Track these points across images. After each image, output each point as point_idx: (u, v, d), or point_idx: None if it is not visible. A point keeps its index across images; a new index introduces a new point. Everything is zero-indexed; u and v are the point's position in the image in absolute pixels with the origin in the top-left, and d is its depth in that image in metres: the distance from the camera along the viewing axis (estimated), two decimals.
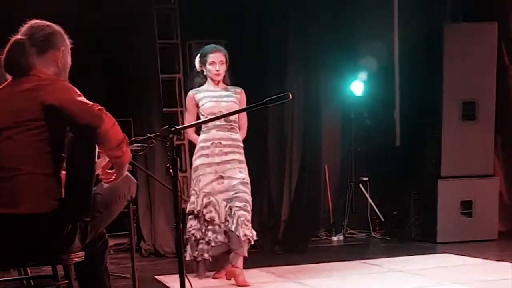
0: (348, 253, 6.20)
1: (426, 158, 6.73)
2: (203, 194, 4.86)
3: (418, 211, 6.79)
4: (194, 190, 4.93)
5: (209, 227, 4.84)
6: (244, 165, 4.96)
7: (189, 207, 4.93)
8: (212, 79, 5.01)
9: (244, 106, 4.89)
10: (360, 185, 7.35)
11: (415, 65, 6.88)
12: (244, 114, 5.07)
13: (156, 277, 5.20)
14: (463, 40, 6.47)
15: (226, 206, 4.84)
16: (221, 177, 4.88)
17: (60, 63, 2.86)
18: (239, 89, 5.04)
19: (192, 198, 4.94)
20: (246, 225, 4.78)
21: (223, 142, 4.90)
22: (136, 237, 6.24)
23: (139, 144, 3.17)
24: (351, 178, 7.39)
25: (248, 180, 4.93)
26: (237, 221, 4.75)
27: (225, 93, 5.00)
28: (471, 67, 6.48)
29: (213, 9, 6.73)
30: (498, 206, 6.71)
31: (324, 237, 7.13)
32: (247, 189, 4.89)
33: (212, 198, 4.85)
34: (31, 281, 3.44)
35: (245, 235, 4.74)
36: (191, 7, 6.76)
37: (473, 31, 6.55)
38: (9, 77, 2.82)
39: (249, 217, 4.84)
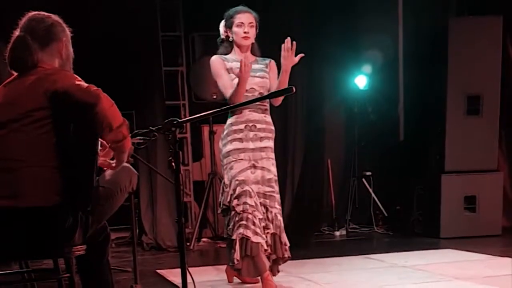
0: (350, 248, 6.17)
1: (429, 153, 6.69)
2: (236, 182, 4.17)
3: (421, 206, 6.76)
4: (226, 183, 4.25)
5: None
6: (274, 156, 4.32)
7: (223, 203, 4.30)
8: (240, 45, 4.23)
9: (276, 76, 4.27)
10: (363, 179, 7.31)
11: (419, 59, 6.84)
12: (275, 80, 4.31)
13: (158, 271, 5.19)
14: (468, 34, 6.42)
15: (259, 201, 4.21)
16: (254, 166, 4.21)
17: (63, 54, 2.86)
18: (268, 60, 4.33)
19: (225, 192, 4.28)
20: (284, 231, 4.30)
21: (258, 126, 4.24)
22: (137, 231, 6.23)
23: (141, 137, 3.16)
24: (354, 172, 7.36)
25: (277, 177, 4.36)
26: (280, 227, 4.25)
27: (257, 66, 4.26)
28: (475, 61, 6.42)
29: (216, 1, 6.68)
30: (502, 201, 6.67)
31: (327, 232, 7.10)
32: (278, 188, 4.34)
33: (247, 188, 4.15)
34: (32, 274, 3.42)
35: (285, 243, 4.27)
36: None
37: (478, 25, 6.49)
38: (15, 73, 2.82)
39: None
